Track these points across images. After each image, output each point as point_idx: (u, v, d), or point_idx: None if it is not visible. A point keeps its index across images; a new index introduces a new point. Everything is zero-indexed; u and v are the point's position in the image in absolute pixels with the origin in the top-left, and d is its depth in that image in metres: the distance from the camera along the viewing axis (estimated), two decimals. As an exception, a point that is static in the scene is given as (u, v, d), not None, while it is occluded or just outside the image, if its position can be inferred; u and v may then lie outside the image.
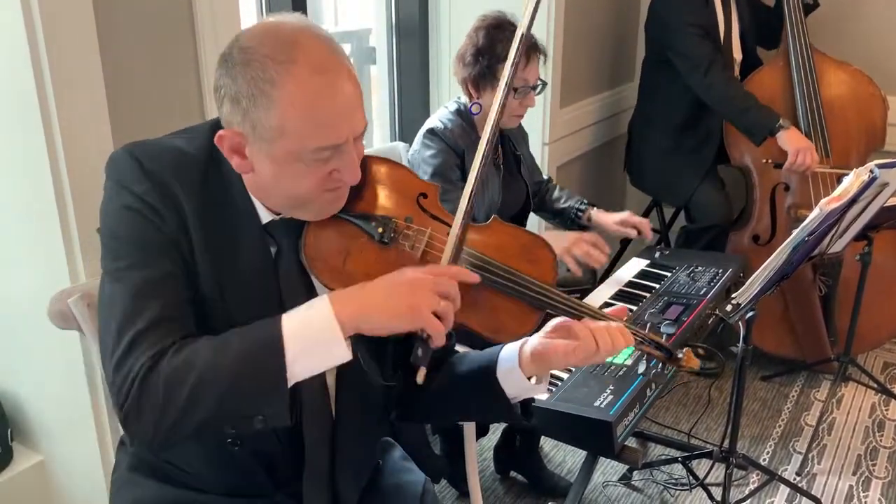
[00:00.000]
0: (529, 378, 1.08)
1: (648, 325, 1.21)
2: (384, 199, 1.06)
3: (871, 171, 1.68)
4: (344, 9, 2.90)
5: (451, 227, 1.05)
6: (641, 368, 1.57)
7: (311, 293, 1.05)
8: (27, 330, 1.55)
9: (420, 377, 0.97)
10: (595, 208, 2.19)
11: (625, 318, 1.10)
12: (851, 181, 1.67)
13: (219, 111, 0.97)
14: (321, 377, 1.07)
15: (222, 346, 0.90)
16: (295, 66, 0.91)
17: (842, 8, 2.96)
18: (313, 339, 0.91)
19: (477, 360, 1.14)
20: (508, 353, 1.10)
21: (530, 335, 1.07)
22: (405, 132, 2.76)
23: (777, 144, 2.50)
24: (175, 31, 1.54)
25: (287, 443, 1.08)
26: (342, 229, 1.03)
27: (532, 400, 1.18)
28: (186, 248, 0.96)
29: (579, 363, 1.06)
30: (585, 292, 2.18)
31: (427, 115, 2.73)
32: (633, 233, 2.12)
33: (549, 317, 1.09)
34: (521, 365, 1.08)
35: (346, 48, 2.79)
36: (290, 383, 0.90)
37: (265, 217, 1.03)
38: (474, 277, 1.00)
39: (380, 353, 1.12)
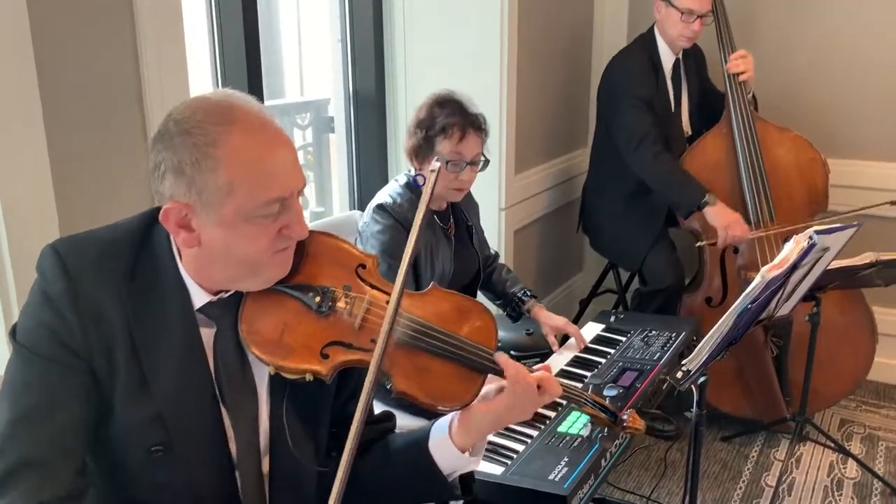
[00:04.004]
0: (464, 451, 1.08)
1: (591, 388, 1.21)
2: (322, 270, 1.06)
3: (810, 238, 1.72)
4: (305, 79, 2.95)
5: (389, 295, 1.05)
6: (585, 433, 1.56)
7: (246, 372, 1.05)
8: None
9: None
10: (537, 302, 2.24)
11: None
12: (792, 248, 1.72)
13: (158, 191, 0.97)
14: (257, 463, 1.06)
15: None
16: (234, 126, 0.93)
17: (782, 76, 3.11)
18: None
19: (411, 435, 1.14)
20: (441, 423, 1.10)
21: (472, 401, 1.07)
22: (364, 200, 2.78)
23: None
24: (123, 110, 1.54)
25: None
26: (279, 302, 1.03)
27: (472, 476, 1.15)
28: (101, 358, 0.96)
29: (506, 412, 1.06)
30: (545, 356, 2.19)
31: (385, 182, 2.76)
32: (555, 345, 2.16)
33: None
34: (451, 434, 1.08)
35: (306, 118, 2.84)
36: None
37: (201, 299, 1.02)
38: None
39: (315, 436, 1.10)
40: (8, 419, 0.93)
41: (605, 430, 1.37)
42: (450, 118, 1.91)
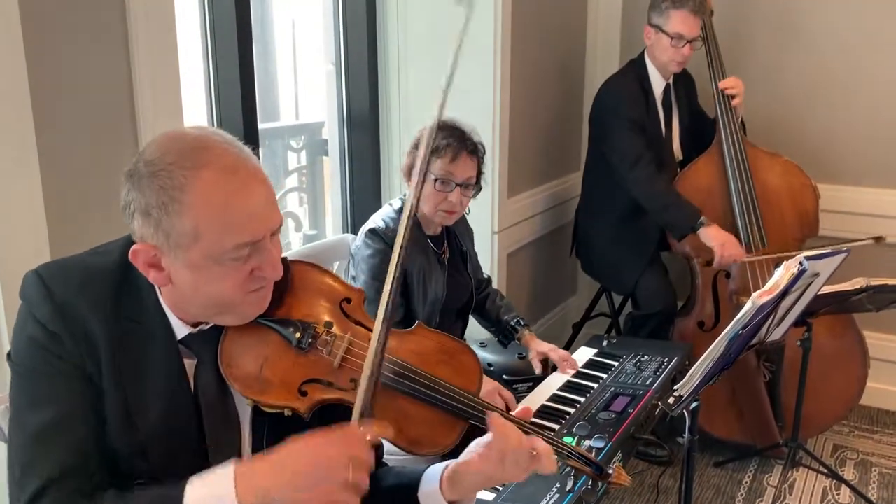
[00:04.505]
0: (451, 503, 1.05)
1: (576, 439, 1.18)
2: (305, 303, 1.05)
3: (801, 264, 1.72)
4: (299, 102, 2.97)
5: (373, 332, 1.03)
6: (568, 486, 1.50)
7: (228, 404, 1.04)
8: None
9: None
10: (529, 330, 2.24)
11: (529, 418, 1.09)
12: (782, 274, 1.72)
13: (130, 228, 0.97)
14: None
15: None
16: (204, 170, 0.92)
17: (772, 101, 3.14)
18: None
19: (402, 477, 1.12)
20: (432, 472, 1.07)
21: (453, 447, 1.05)
22: (357, 223, 2.78)
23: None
24: (117, 135, 1.55)
25: None
26: (260, 335, 1.01)
27: None
28: (94, 370, 0.96)
29: (495, 472, 1.02)
30: (537, 381, 2.18)
31: (379, 205, 2.77)
32: (538, 368, 2.15)
33: (478, 430, 1.07)
34: (441, 487, 1.05)
35: (300, 140, 2.85)
36: None
37: (181, 331, 1.02)
38: (388, 433, 0.95)
39: None
40: (30, 434, 0.94)
41: (590, 482, 1.34)
42: (446, 139, 1.93)
